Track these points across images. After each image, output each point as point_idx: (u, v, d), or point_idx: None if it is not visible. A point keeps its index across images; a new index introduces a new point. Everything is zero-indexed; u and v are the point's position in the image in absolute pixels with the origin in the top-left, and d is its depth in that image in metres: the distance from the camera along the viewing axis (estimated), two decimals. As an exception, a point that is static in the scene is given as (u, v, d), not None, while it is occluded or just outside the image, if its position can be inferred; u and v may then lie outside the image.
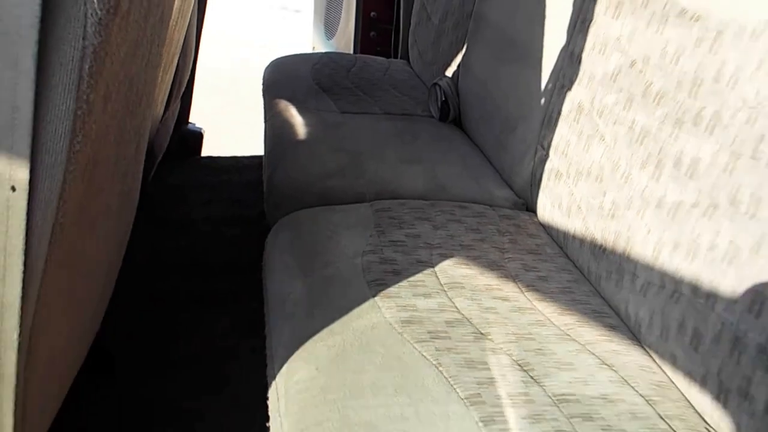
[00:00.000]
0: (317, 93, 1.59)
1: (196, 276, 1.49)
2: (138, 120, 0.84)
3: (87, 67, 0.51)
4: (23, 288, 0.54)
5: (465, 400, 0.68)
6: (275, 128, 1.43)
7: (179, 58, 1.46)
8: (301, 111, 1.48)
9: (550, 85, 1.13)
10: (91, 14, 0.49)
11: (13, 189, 0.52)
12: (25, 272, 0.54)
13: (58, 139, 0.52)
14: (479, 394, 0.69)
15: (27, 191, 0.52)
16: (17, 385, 0.59)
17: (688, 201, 0.77)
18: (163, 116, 1.50)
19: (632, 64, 0.91)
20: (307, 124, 1.41)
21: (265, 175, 1.29)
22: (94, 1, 0.49)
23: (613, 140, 0.93)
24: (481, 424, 0.65)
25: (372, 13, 2.18)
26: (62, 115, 0.51)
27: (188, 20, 1.40)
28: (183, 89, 1.76)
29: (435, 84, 1.56)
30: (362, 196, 1.15)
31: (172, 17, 0.99)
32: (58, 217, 0.55)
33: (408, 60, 1.98)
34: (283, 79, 1.70)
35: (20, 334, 0.56)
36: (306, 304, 0.86)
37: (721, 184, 0.72)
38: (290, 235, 1.05)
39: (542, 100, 1.14)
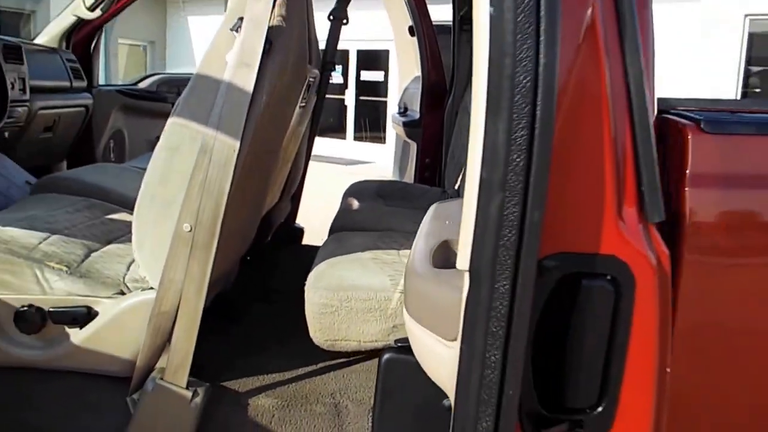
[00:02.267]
0: (375, 197, 2.53)
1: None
2: (263, 175, 1.76)
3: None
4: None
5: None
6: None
7: (291, 166, 2.44)
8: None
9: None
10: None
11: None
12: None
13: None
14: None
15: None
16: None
17: None
18: (278, 201, 2.45)
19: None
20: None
21: None
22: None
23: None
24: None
25: (426, 160, 3.16)
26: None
27: (298, 144, 2.39)
28: (293, 192, 2.73)
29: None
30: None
31: (289, 129, 1.95)
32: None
33: (444, 187, 2.90)
34: (356, 188, 2.67)
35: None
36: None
37: None
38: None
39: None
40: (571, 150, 0.69)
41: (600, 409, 0.68)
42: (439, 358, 0.87)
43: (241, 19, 1.31)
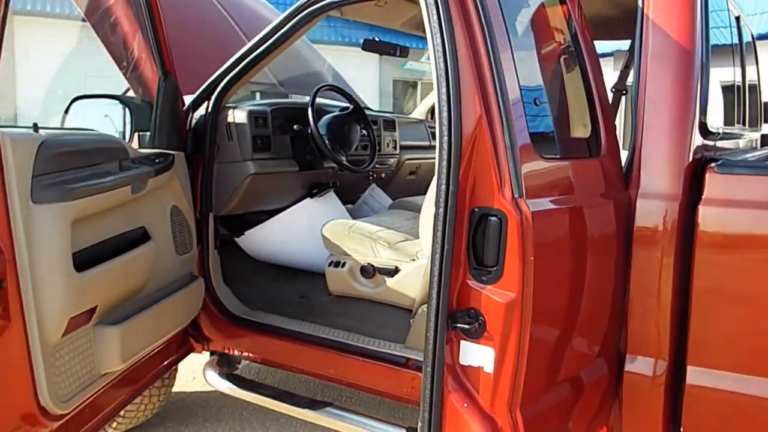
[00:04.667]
0: None
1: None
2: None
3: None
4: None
5: None
6: None
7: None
8: None
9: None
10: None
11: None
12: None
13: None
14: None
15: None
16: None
17: None
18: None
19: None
20: None
21: None
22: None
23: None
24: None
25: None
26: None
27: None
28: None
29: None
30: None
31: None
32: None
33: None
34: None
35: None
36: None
37: None
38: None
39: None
40: (471, 146, 1.49)
41: (497, 267, 1.47)
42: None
43: None
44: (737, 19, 2.76)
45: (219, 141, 2.68)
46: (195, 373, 3.55)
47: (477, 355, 1.51)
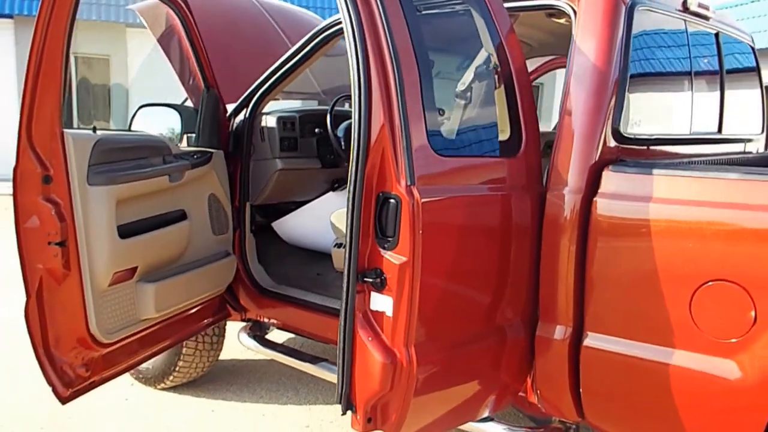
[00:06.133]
0: None
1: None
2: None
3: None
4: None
5: None
6: None
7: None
8: None
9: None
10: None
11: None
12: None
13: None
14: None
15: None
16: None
17: None
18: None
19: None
20: None
21: None
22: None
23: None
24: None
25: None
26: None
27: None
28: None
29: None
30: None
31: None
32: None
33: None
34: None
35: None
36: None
37: None
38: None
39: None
40: (377, 146, 1.92)
41: (394, 237, 1.91)
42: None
43: None
44: (716, 35, 3.02)
45: (254, 142, 3.27)
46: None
47: (381, 302, 1.96)
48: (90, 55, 12.69)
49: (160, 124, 3.22)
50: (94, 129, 2.49)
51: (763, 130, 3.56)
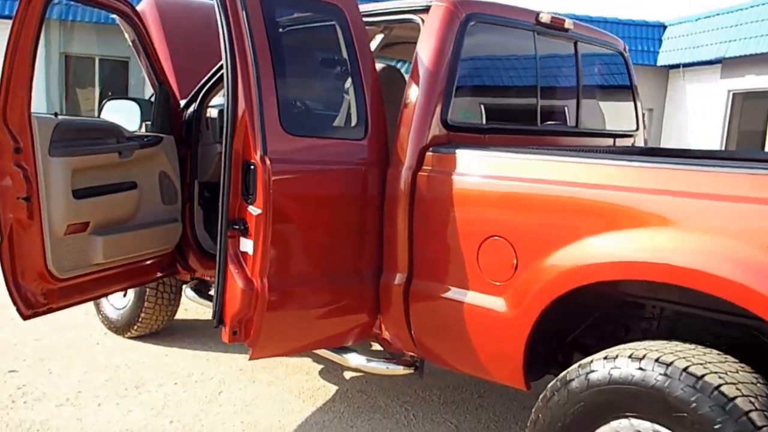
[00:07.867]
0: None
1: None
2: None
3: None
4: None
5: None
6: None
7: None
8: None
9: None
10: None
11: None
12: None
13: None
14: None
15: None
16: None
17: None
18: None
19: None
20: None
21: None
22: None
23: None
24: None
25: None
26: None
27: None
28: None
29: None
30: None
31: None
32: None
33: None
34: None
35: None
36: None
37: None
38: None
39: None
40: (242, 125, 2.58)
41: (253, 194, 2.65)
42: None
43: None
44: (575, 44, 3.63)
45: (201, 130, 3.99)
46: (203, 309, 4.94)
47: (246, 245, 2.63)
48: (111, 57, 13.75)
49: (124, 113, 3.97)
50: (56, 114, 3.24)
51: (638, 128, 4.15)
